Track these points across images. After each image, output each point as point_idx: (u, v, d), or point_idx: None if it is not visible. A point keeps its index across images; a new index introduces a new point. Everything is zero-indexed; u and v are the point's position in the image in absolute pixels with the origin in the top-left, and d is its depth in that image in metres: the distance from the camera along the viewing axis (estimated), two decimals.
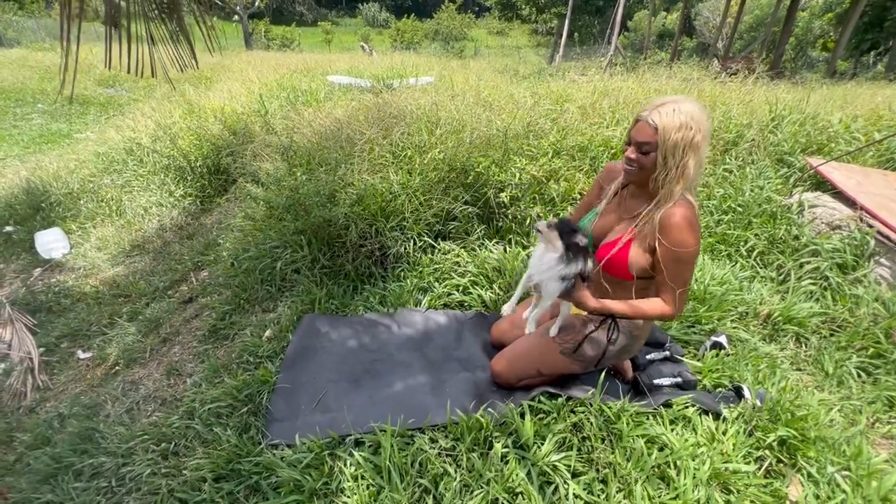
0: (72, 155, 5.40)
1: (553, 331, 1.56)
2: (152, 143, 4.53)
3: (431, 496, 1.29)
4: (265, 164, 3.19)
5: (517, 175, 2.67)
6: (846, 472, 1.37)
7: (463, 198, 2.64)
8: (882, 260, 2.26)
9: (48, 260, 3.43)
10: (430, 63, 8.83)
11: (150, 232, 3.58)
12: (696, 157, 1.22)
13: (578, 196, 2.80)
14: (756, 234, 2.53)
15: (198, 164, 4.08)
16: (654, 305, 1.36)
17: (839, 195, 2.63)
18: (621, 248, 1.37)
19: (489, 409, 1.52)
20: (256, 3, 24.25)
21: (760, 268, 2.42)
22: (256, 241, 2.68)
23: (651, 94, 3.77)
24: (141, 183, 4.17)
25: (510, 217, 2.67)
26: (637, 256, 1.34)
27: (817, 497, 1.31)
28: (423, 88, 4.86)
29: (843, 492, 1.32)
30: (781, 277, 2.35)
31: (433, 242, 2.50)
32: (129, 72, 1.83)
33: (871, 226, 2.35)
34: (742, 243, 2.51)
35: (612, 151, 3.02)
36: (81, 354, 2.41)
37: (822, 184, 2.78)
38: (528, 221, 2.64)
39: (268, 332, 2.11)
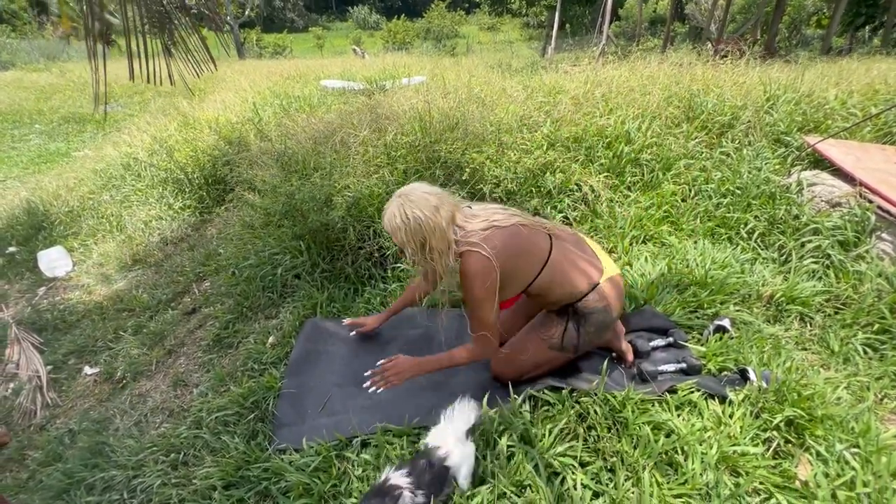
0: (70, 173, 5.44)
1: None
2: (149, 158, 4.55)
3: None
4: (261, 171, 3.20)
5: (512, 169, 2.67)
6: (855, 450, 1.36)
7: (460, 194, 2.64)
8: (884, 235, 2.24)
9: (52, 278, 3.46)
10: (422, 62, 8.82)
11: (150, 245, 3.59)
12: (432, 238, 1.30)
13: (575, 188, 2.79)
14: (756, 216, 2.51)
15: (195, 176, 4.10)
16: (462, 352, 1.47)
17: (838, 172, 2.60)
18: None
19: (492, 405, 1.51)
20: (247, 13, 24.29)
21: (761, 249, 2.40)
22: (256, 248, 2.69)
23: (644, 81, 3.76)
24: (140, 197, 4.19)
25: None
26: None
27: (826, 475, 1.31)
28: (416, 88, 4.86)
29: (853, 469, 1.31)
30: (783, 258, 2.34)
31: None
32: (148, 82, 1.86)
33: (871, 201, 2.33)
34: (742, 226, 2.49)
35: (607, 140, 3.01)
36: (88, 370, 2.43)
37: (820, 162, 2.76)
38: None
39: (271, 339, 2.12)
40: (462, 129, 2.97)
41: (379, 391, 1.48)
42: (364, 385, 1.50)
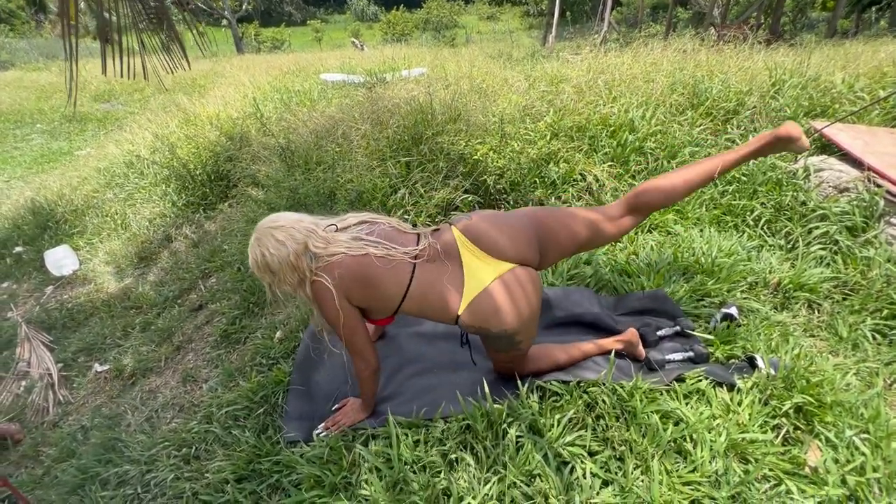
0: (74, 172, 5.45)
1: None
2: (151, 155, 4.55)
3: (448, 482, 1.30)
4: (263, 166, 3.20)
5: (515, 160, 2.65)
6: (865, 435, 1.36)
7: (463, 186, 2.63)
8: (892, 220, 2.22)
9: (59, 277, 3.48)
10: (422, 53, 8.75)
11: (156, 243, 3.61)
12: (281, 272, 1.35)
13: (579, 177, 2.77)
14: (762, 203, 2.49)
15: (198, 172, 4.10)
16: (355, 368, 1.50)
17: (846, 157, 2.58)
18: None
19: (499, 397, 1.52)
20: (244, 6, 24.11)
21: (768, 236, 2.39)
22: None
23: (647, 68, 3.71)
24: (143, 195, 4.20)
25: (511, 203, 2.66)
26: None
27: (836, 461, 1.31)
28: (416, 79, 4.83)
29: (863, 454, 1.31)
30: (790, 245, 2.32)
31: None
32: (121, 76, 1.85)
33: (879, 186, 2.30)
34: (748, 213, 2.48)
35: (611, 129, 2.99)
36: (99, 367, 2.45)
37: (827, 147, 2.73)
38: (529, 206, 2.62)
39: (278, 334, 2.13)
40: (464, 120, 2.96)
41: (331, 434, 1.53)
42: (316, 432, 1.56)
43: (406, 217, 2.54)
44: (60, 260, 3.55)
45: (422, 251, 1.40)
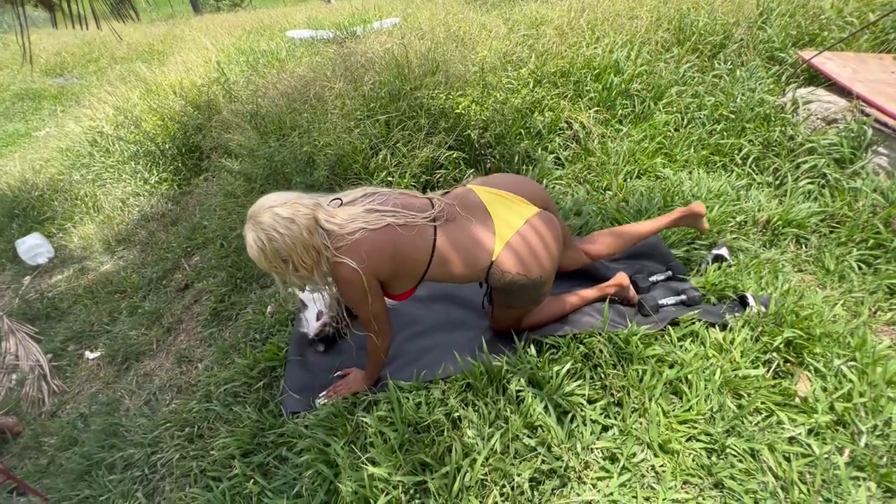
0: (35, 155, 5.15)
1: None
2: (115, 131, 4.29)
3: (452, 440, 1.32)
4: (235, 135, 3.03)
5: (500, 111, 2.55)
6: (852, 363, 1.40)
7: (447, 143, 2.54)
8: (880, 149, 2.21)
9: (35, 267, 3.36)
10: (393, 3, 8.22)
11: (132, 224, 3.47)
12: (294, 255, 1.22)
13: (565, 125, 2.69)
14: (750, 140, 2.45)
15: (167, 146, 3.90)
16: (370, 351, 1.48)
17: (834, 87, 2.52)
18: None
19: (497, 354, 1.52)
20: None
21: (756, 174, 2.37)
22: (241, 217, 2.60)
23: (631, 4, 3.52)
24: (112, 174, 3.99)
25: (498, 157, 2.58)
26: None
27: (825, 390, 1.35)
28: (389, 31, 4.55)
29: (850, 381, 1.36)
30: (778, 181, 2.31)
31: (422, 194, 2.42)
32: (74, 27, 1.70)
33: (868, 115, 2.27)
34: (736, 151, 2.44)
35: (595, 72, 2.87)
36: (90, 355, 2.41)
37: (815, 77, 2.66)
38: (516, 159, 2.55)
39: (270, 308, 2.10)
40: (443, 72, 2.80)
41: (331, 401, 1.52)
42: (317, 400, 1.55)
43: (390, 179, 2.46)
44: (33, 248, 3.41)
45: (440, 212, 1.34)
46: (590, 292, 1.68)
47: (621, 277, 1.69)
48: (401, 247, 1.29)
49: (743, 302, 1.62)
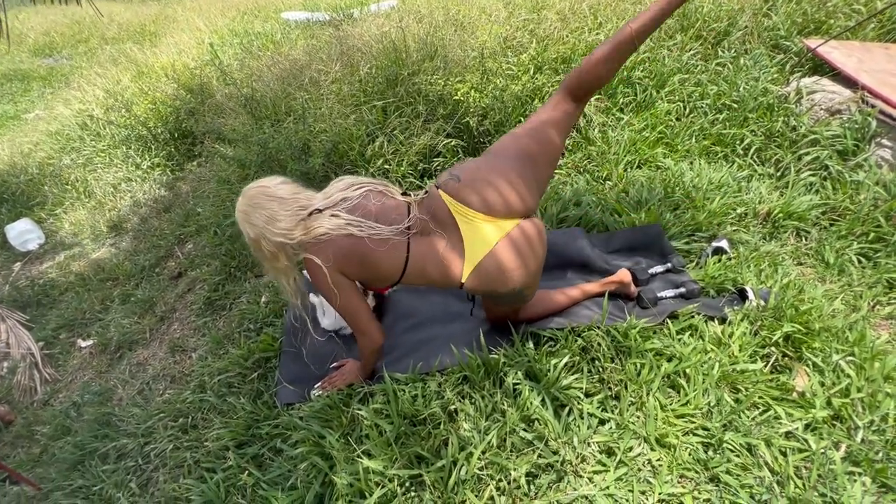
0: (24, 138, 5.04)
1: None
2: (106, 114, 4.19)
3: (448, 433, 1.31)
4: (229, 119, 2.97)
5: (499, 97, 2.50)
6: (850, 358, 1.40)
7: (445, 130, 2.49)
8: (883, 141, 2.18)
9: (25, 253, 3.31)
10: None
11: (124, 210, 3.41)
12: (265, 243, 1.31)
13: None
14: (752, 131, 2.41)
15: (159, 131, 3.82)
16: (361, 349, 1.48)
17: (839, 77, 2.48)
18: None
19: (494, 347, 1.51)
20: None
21: (758, 165, 2.34)
22: (236, 205, 2.55)
23: None
24: (103, 159, 3.91)
25: None
26: None
27: (823, 384, 1.35)
28: (387, 14, 4.45)
29: (848, 376, 1.35)
30: (780, 173, 2.28)
31: (420, 183, 2.39)
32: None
33: (872, 106, 2.24)
34: (738, 142, 2.40)
35: None
36: (82, 343, 2.39)
37: (820, 67, 2.62)
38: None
39: (264, 298, 2.07)
40: (441, 57, 2.74)
41: (326, 393, 1.52)
42: (312, 392, 1.54)
43: (387, 167, 2.41)
44: (23, 234, 3.35)
45: (412, 224, 1.32)
46: (591, 287, 1.67)
47: (623, 274, 1.68)
48: (370, 257, 1.29)
49: (742, 295, 1.61)
